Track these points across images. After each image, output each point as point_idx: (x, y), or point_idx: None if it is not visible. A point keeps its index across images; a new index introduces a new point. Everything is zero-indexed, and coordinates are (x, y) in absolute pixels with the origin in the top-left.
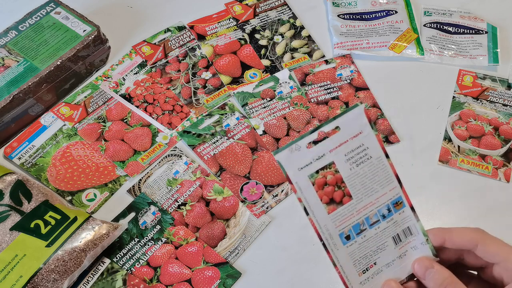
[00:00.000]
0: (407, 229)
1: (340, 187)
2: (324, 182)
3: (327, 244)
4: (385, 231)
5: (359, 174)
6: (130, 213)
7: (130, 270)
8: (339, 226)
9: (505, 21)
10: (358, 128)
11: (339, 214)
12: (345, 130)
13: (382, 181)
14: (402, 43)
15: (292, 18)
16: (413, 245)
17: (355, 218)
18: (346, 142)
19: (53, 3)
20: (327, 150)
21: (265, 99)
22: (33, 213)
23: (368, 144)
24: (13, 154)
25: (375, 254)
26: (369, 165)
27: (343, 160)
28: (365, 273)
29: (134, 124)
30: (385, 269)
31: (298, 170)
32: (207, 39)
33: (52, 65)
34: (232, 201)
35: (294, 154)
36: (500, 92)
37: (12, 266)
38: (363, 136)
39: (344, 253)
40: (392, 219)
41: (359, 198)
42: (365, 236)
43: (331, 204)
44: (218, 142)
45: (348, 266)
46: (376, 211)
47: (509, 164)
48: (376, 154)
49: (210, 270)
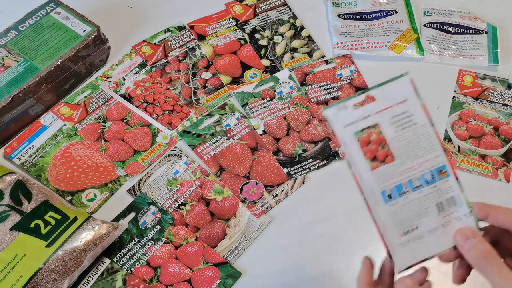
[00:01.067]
0: (451, 199)
1: (384, 147)
2: (369, 140)
3: (368, 199)
4: (428, 197)
5: (403, 138)
6: (130, 213)
7: (130, 270)
8: (381, 184)
9: (505, 21)
10: (404, 95)
11: (381, 172)
12: (391, 96)
13: (427, 148)
14: (402, 43)
15: (292, 18)
16: (456, 215)
17: (398, 179)
18: (392, 107)
19: (53, 3)
20: (373, 111)
21: (265, 99)
22: (33, 213)
23: (413, 111)
24: (13, 154)
25: (418, 218)
26: (413, 130)
27: (388, 122)
28: (406, 235)
29: (134, 124)
30: (428, 235)
31: (343, 127)
32: (207, 39)
33: (52, 65)
34: (232, 201)
35: (341, 112)
36: (500, 92)
37: (12, 266)
38: (409, 104)
39: (385, 211)
40: (436, 186)
41: (402, 160)
42: (407, 198)
43: (374, 161)
44: (218, 142)
45: (388, 225)
46: (419, 175)
47: (509, 164)
48: (421, 121)
49: (210, 270)
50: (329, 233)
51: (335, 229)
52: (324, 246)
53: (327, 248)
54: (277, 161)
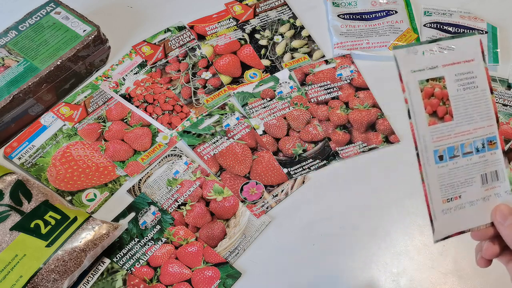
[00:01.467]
0: (495, 173)
1: (445, 104)
2: (432, 92)
3: (421, 155)
4: (475, 166)
5: (464, 98)
6: (130, 213)
7: (130, 270)
8: (436, 142)
9: (505, 21)
10: (472, 55)
11: (438, 130)
12: (460, 51)
13: (483, 114)
14: (402, 43)
15: (292, 18)
16: (497, 191)
17: (452, 140)
18: (459, 63)
19: (53, 3)
20: (441, 63)
21: (265, 99)
22: (33, 213)
23: (477, 73)
24: (13, 154)
25: (462, 186)
26: (474, 93)
27: (453, 79)
28: (449, 202)
29: (134, 124)
30: (468, 207)
31: (411, 72)
32: (207, 39)
33: (52, 65)
34: (232, 201)
35: (410, 56)
36: (500, 92)
37: (12, 266)
38: (475, 64)
39: (434, 172)
40: (484, 156)
41: (459, 121)
42: (456, 163)
43: (433, 117)
44: (218, 142)
45: (435, 187)
46: (472, 141)
47: (509, 164)
48: (482, 85)
49: (210, 270)
50: (329, 233)
51: (335, 229)
52: (324, 246)
53: (327, 248)
54: (277, 161)
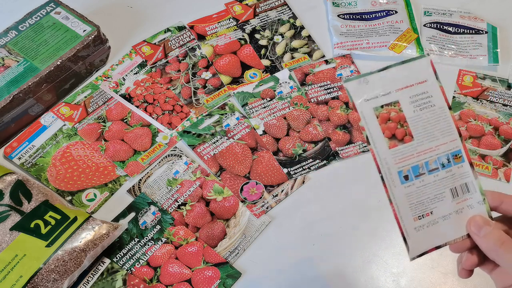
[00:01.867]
0: (465, 185)
1: (403, 126)
2: (388, 117)
3: (385, 178)
4: (443, 181)
5: (422, 118)
6: (130, 213)
7: (130, 270)
8: (399, 163)
9: (505, 21)
10: (424, 76)
11: (399, 151)
12: (411, 75)
13: (444, 130)
14: (402, 43)
15: (292, 18)
16: (469, 203)
17: (415, 160)
18: (412, 86)
19: (53, 3)
20: (394, 89)
21: (265, 99)
22: (33, 213)
23: (432, 92)
24: (13, 154)
25: (432, 202)
26: (432, 112)
27: (407, 101)
28: (420, 220)
29: (134, 124)
30: (441, 221)
31: (364, 101)
32: (207, 39)
33: (52, 65)
34: (232, 201)
35: (361, 86)
36: (500, 92)
37: (12, 266)
38: (429, 84)
39: (401, 192)
40: (451, 170)
41: (420, 140)
42: (423, 181)
43: (392, 140)
44: (218, 142)
45: (404, 207)
46: (436, 158)
47: (509, 164)
48: (439, 103)
49: (210, 270)
50: (329, 233)
51: (335, 229)
52: (324, 246)
53: (327, 248)
54: (277, 161)
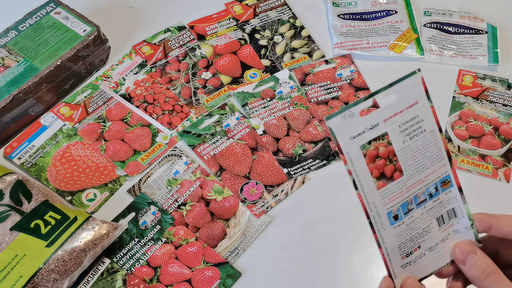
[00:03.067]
0: (452, 211)
1: (392, 161)
2: (376, 154)
3: (374, 223)
4: (430, 212)
5: (411, 148)
6: (130, 213)
7: (130, 270)
8: (388, 204)
9: (505, 21)
10: (415, 97)
11: (388, 191)
12: (401, 98)
13: (434, 157)
14: (402, 43)
15: (292, 18)
16: (456, 228)
17: (404, 196)
18: (401, 112)
19: (53, 3)
20: (381, 119)
21: (265, 99)
22: (33, 213)
23: (423, 116)
24: (13, 154)
25: (421, 236)
26: (422, 139)
27: (396, 131)
28: (408, 257)
29: (134, 124)
30: (428, 253)
31: (350, 139)
32: (207, 39)
33: (52, 65)
34: (232, 201)
35: (346, 121)
36: (500, 92)
37: (12, 266)
38: (419, 107)
39: (391, 234)
40: (438, 198)
41: (409, 174)
42: (412, 217)
43: (381, 179)
44: (218, 142)
45: (393, 248)
46: (424, 189)
47: (509, 164)
48: (430, 127)
49: (210, 270)
50: (329, 233)
51: (335, 229)
52: (324, 246)
53: (327, 248)
54: (277, 161)
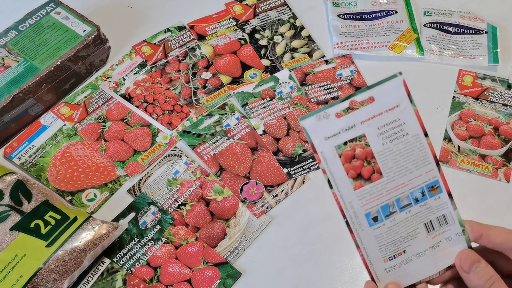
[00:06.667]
0: (442, 217)
1: (370, 163)
2: (353, 155)
3: (350, 222)
4: (416, 216)
5: (392, 151)
6: (130, 213)
7: (130, 270)
8: (366, 205)
9: (505, 21)
10: (395, 100)
11: (366, 192)
12: (380, 101)
13: (418, 161)
14: (402, 43)
15: (292, 18)
16: (447, 235)
17: (385, 199)
18: (380, 114)
19: (53, 3)
20: (358, 121)
21: (265, 99)
22: (33, 213)
23: (405, 119)
24: (13, 154)
25: (405, 241)
26: (404, 142)
27: (375, 133)
28: (391, 260)
29: (134, 124)
30: (415, 259)
31: (324, 139)
32: (207, 39)
33: (52, 65)
34: (232, 201)
35: (321, 122)
36: (500, 92)
37: (12, 266)
38: (400, 110)
39: (370, 235)
40: (426, 203)
41: (390, 177)
42: (394, 220)
43: (358, 180)
44: (218, 142)
45: (373, 250)
46: (408, 193)
47: (509, 164)
48: (413, 131)
49: (210, 270)
50: (329, 233)
51: (335, 229)
52: (324, 246)
53: (327, 248)
54: (277, 161)
